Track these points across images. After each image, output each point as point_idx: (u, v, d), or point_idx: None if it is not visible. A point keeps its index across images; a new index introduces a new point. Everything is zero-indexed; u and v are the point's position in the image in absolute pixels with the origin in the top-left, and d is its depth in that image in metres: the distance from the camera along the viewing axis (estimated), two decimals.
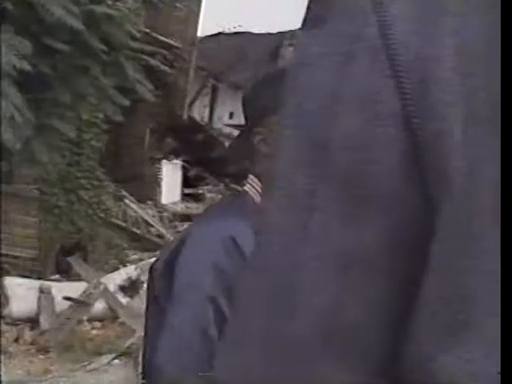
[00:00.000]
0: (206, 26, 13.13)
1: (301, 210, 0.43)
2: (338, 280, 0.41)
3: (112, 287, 7.07)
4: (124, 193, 9.86)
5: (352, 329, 0.40)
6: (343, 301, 0.41)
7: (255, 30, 19.22)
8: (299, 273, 0.42)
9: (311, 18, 0.46)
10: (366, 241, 0.41)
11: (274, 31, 18.95)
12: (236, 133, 16.05)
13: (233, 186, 13.49)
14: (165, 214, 10.74)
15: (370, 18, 0.42)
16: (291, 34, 18.69)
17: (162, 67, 9.61)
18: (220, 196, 12.88)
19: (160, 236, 9.69)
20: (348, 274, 0.41)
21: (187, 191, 12.86)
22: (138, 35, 8.12)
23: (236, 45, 17.18)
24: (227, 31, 18.92)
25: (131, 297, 7.19)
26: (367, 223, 0.41)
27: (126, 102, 7.94)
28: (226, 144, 14.62)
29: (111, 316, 6.87)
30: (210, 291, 1.19)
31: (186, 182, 12.93)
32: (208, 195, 12.64)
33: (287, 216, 0.43)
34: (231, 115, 17.44)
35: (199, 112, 15.30)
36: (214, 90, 17.16)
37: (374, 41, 0.41)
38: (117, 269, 7.90)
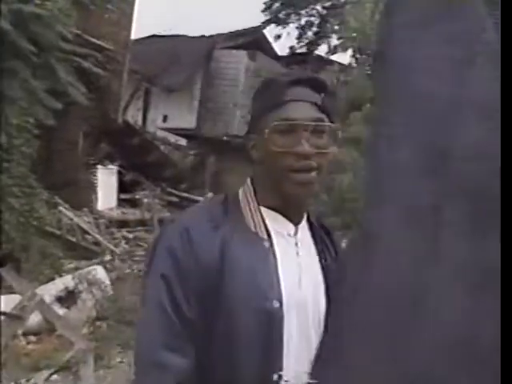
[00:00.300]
0: (138, 29, 12.90)
1: (427, 225, 0.38)
2: (472, 297, 0.36)
3: (48, 298, 6.76)
4: (58, 200, 9.51)
5: (488, 346, 0.36)
6: (479, 319, 0.36)
7: (188, 33, 19.04)
8: (430, 292, 0.37)
9: (414, 19, 0.41)
10: (497, 254, 0.36)
11: (208, 34, 18.86)
12: (171, 136, 15.87)
13: (170, 190, 13.31)
14: (101, 221, 10.44)
15: (487, 21, 0.37)
16: (225, 36, 18.66)
17: (95, 69, 9.33)
18: (157, 201, 12.66)
19: (97, 243, 9.41)
20: (482, 290, 0.36)
21: (123, 196, 12.59)
22: (69, 36, 7.85)
23: (169, 47, 16.99)
24: (160, 33, 18.66)
25: (68, 308, 6.92)
26: (496, 236, 0.36)
27: (59, 106, 7.66)
28: (162, 148, 14.40)
29: (48, 329, 6.57)
30: (163, 271, 1.33)
31: (122, 187, 12.65)
32: (145, 200, 12.41)
33: (412, 232, 0.38)
34: (165, 118, 17.24)
35: (132, 116, 15.04)
36: (147, 93, 16.93)
37: (495, 46, 0.37)
38: (52, 279, 7.60)
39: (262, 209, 1.40)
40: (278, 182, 1.36)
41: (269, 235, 1.37)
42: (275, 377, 1.29)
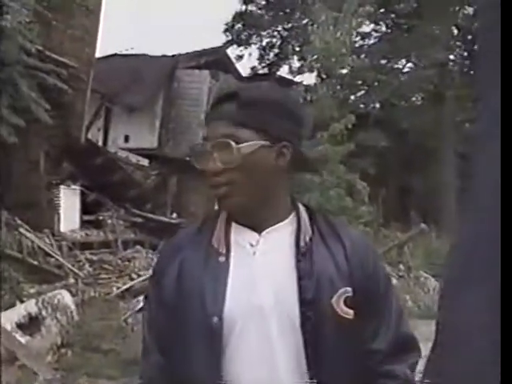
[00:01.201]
0: (99, 47, 12.68)
1: None
2: None
3: (9, 326, 6.38)
4: (18, 221, 9.09)
5: None
6: None
7: (150, 52, 18.81)
8: None
9: None
10: None
11: (170, 53, 18.67)
12: (132, 157, 15.55)
13: (134, 210, 12.96)
14: (63, 243, 10.04)
15: None
16: (187, 56, 18.51)
17: (60, 85, 9.00)
18: (121, 222, 12.29)
19: (59, 266, 9.01)
20: None
21: (86, 218, 12.19)
22: (32, 50, 7.54)
23: (131, 66, 16.76)
24: (122, 53, 18.38)
25: (31, 335, 6.54)
26: None
27: (22, 123, 7.31)
28: (125, 168, 14.08)
29: (9, 359, 6.18)
30: (147, 289, 1.60)
31: (85, 208, 12.25)
32: (109, 221, 12.04)
33: None
34: (127, 138, 16.93)
35: (93, 135, 14.67)
36: (108, 112, 16.61)
37: None
38: (13, 305, 7.20)
39: (233, 223, 1.48)
40: None
41: (228, 249, 1.44)
42: None
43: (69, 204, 11.39)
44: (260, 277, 1.41)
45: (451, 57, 22.49)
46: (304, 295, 1.39)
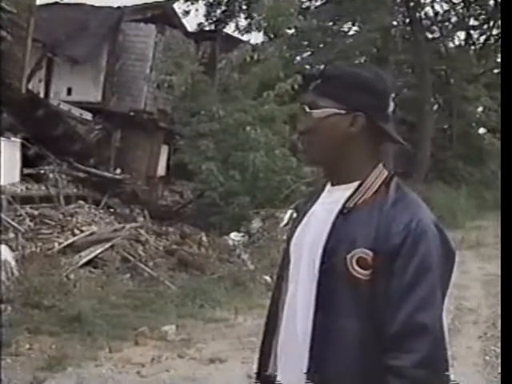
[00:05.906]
0: None
1: None
2: None
3: None
4: None
5: None
6: None
7: (94, 3, 18.12)
8: None
9: None
10: None
11: (115, 5, 18.05)
12: (75, 110, 15.05)
13: (77, 165, 12.69)
14: (3, 196, 9.73)
15: None
16: (132, 9, 17.92)
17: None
18: (64, 176, 12.01)
19: None
20: None
21: (27, 171, 11.84)
22: None
23: (74, 16, 16.13)
24: (63, 1, 17.67)
25: None
26: None
27: None
28: (68, 121, 13.70)
29: None
30: None
31: (26, 161, 11.89)
32: (50, 175, 11.74)
33: None
34: (69, 91, 16.43)
35: (34, 86, 14.17)
36: (50, 63, 16.02)
37: None
38: None
39: None
40: None
41: (318, 197, 1.78)
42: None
43: (9, 157, 10.98)
44: (311, 223, 1.71)
45: (394, 22, 22.59)
46: (327, 245, 1.61)
